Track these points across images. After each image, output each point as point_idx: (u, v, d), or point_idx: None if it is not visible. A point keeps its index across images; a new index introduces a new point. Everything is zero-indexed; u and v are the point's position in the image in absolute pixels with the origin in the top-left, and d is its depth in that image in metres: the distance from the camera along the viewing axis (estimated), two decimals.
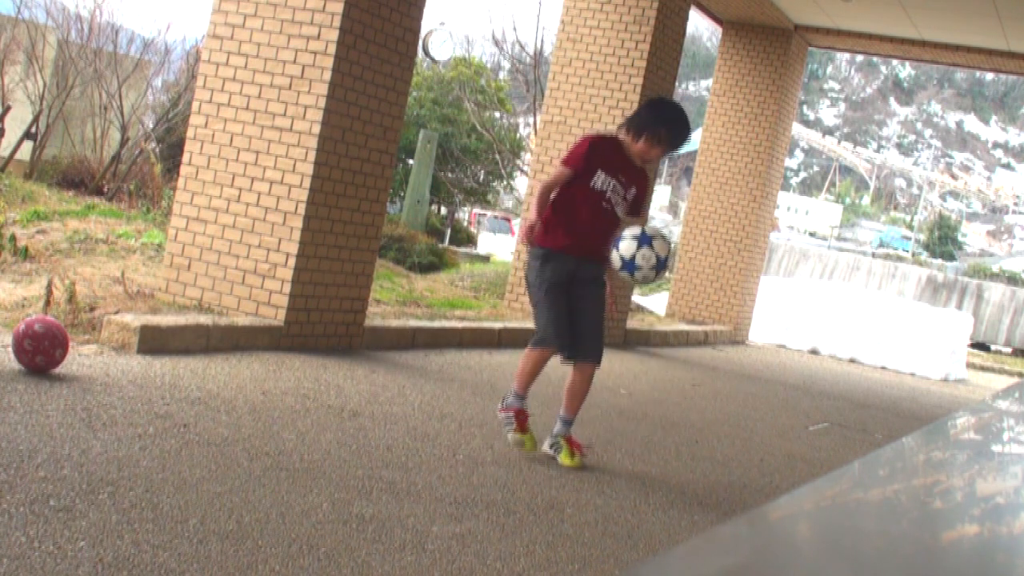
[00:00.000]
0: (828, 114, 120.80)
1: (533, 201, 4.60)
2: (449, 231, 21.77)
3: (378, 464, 3.95)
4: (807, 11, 11.89)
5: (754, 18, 12.37)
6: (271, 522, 3.10)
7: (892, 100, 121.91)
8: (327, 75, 6.03)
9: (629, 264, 4.34)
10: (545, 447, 4.64)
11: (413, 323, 7.34)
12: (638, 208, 4.72)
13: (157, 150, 14.28)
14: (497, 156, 23.87)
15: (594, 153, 4.53)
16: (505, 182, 27.42)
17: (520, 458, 4.48)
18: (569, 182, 4.54)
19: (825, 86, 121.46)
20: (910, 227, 76.09)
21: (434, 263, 13.61)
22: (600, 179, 4.50)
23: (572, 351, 4.65)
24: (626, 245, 4.34)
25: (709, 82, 18.18)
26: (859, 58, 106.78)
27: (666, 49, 9.62)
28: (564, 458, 4.53)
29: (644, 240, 4.33)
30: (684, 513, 4.12)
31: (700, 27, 78.35)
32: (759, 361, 11.14)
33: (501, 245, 23.14)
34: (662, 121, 4.55)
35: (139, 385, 4.50)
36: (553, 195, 4.58)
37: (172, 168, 12.88)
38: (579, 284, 4.61)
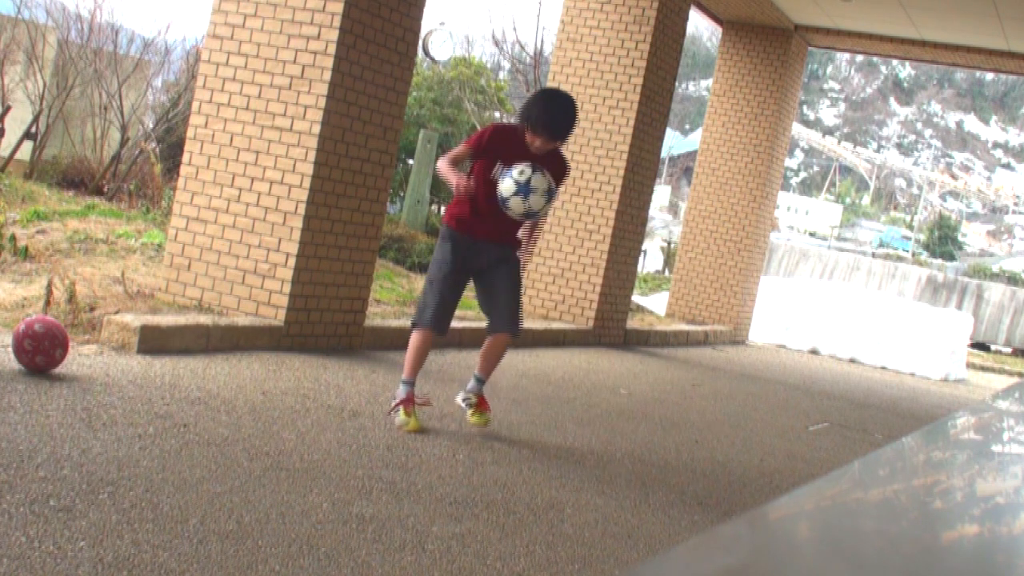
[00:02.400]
0: (828, 114, 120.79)
1: (444, 173, 4.74)
2: None
3: (378, 464, 3.95)
4: (807, 11, 11.89)
5: (754, 18, 12.37)
6: (271, 522, 3.10)
7: (892, 100, 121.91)
8: (327, 75, 6.03)
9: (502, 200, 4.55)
10: (458, 399, 4.97)
11: None
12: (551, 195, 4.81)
13: (157, 150, 14.28)
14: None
15: (492, 142, 4.69)
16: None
17: (520, 458, 4.49)
18: (478, 170, 4.70)
19: (825, 86, 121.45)
20: (910, 227, 76.09)
21: None
22: (498, 170, 4.63)
23: (490, 325, 4.89)
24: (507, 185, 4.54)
25: (709, 82, 18.18)
26: (859, 58, 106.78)
27: (666, 49, 9.62)
28: (473, 416, 4.86)
29: (523, 189, 4.52)
30: (684, 513, 4.12)
31: (700, 27, 78.36)
32: (759, 361, 11.14)
33: None
34: (540, 112, 4.64)
35: (139, 385, 4.50)
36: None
37: (172, 168, 12.87)
38: (489, 266, 4.83)
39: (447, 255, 4.77)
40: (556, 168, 4.76)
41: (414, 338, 4.82)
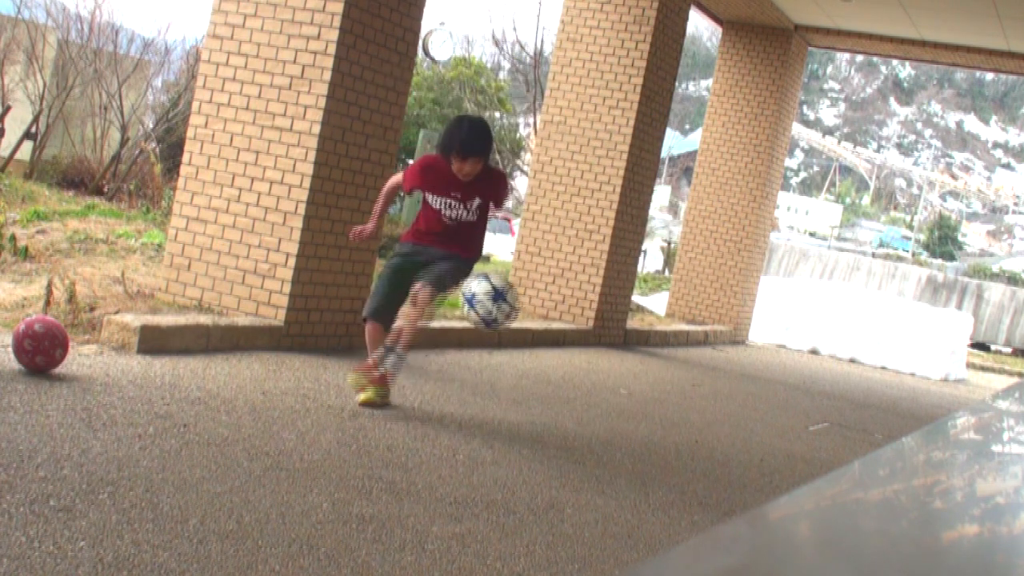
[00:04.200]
0: (828, 114, 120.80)
1: (380, 198, 5.25)
2: None
3: (378, 464, 3.95)
4: (807, 11, 11.90)
5: (754, 18, 12.37)
6: (271, 522, 3.10)
7: (892, 100, 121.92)
8: (327, 75, 6.03)
9: (489, 320, 4.86)
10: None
11: None
12: (498, 206, 5.23)
13: (157, 150, 14.28)
14: (497, 156, 23.88)
15: (419, 177, 5.06)
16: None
17: (520, 458, 4.49)
18: (424, 200, 5.05)
19: (825, 86, 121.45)
20: (910, 227, 76.10)
21: None
22: (431, 199, 5.02)
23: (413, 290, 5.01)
24: (481, 304, 4.84)
25: (709, 82, 18.18)
26: (859, 58, 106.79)
27: (666, 49, 9.62)
28: (364, 393, 4.93)
29: (498, 295, 4.84)
30: (684, 513, 4.12)
31: (700, 27, 78.36)
32: (759, 361, 11.14)
33: (501, 245, 23.14)
34: (456, 140, 4.89)
35: (139, 385, 4.50)
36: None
37: (172, 168, 12.87)
38: (431, 261, 5.01)
39: (392, 258, 5.14)
40: (489, 189, 5.07)
41: (369, 328, 5.10)
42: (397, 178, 5.21)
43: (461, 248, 5.08)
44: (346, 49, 6.09)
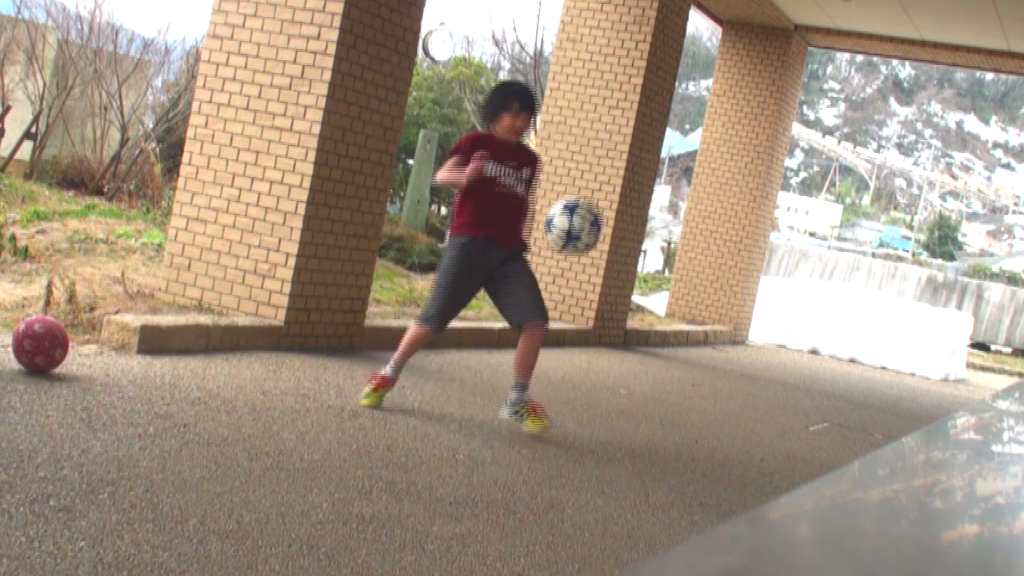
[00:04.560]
0: (828, 114, 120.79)
1: (447, 177, 5.11)
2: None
3: (378, 464, 3.95)
4: (807, 11, 11.89)
5: (754, 18, 12.37)
6: (271, 522, 3.10)
7: (892, 100, 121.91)
8: (327, 75, 6.03)
9: (570, 234, 4.97)
10: (504, 415, 5.04)
11: None
12: (532, 186, 5.25)
13: (157, 150, 14.28)
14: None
15: (476, 146, 5.01)
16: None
17: (520, 458, 4.49)
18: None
19: (825, 86, 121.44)
20: (910, 227, 76.09)
21: (434, 263, 13.58)
22: (490, 167, 4.97)
23: (518, 320, 5.08)
24: (560, 219, 4.99)
25: (709, 82, 18.18)
26: (859, 58, 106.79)
27: (666, 49, 9.62)
28: (529, 424, 4.94)
29: (570, 208, 5.00)
30: (684, 513, 4.12)
31: (700, 27, 78.36)
32: (759, 361, 11.14)
33: None
34: (509, 94, 5.09)
35: (139, 385, 4.50)
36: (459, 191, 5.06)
37: (172, 168, 12.87)
38: (499, 267, 5.05)
39: (455, 259, 5.00)
40: (531, 160, 5.19)
41: (419, 333, 5.04)
42: (447, 164, 5.10)
43: (515, 236, 5.08)
44: (346, 49, 6.09)
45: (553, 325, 9.06)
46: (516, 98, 5.03)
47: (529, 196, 5.16)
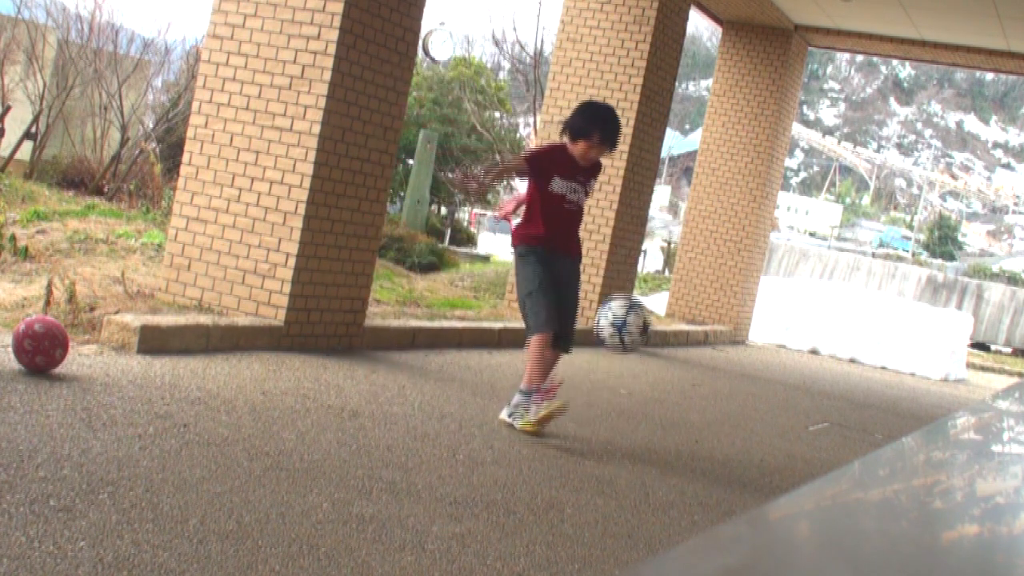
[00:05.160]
0: (828, 114, 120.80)
1: (504, 209, 5.38)
2: (449, 231, 21.77)
3: (378, 464, 3.95)
4: (807, 11, 11.89)
5: (754, 18, 12.37)
6: (271, 522, 3.10)
7: (892, 100, 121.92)
8: (327, 75, 6.03)
9: (621, 324, 5.02)
10: (504, 416, 5.08)
11: (413, 323, 7.34)
12: (588, 194, 5.33)
13: (157, 150, 14.28)
14: (497, 156, 23.88)
15: (549, 160, 5.11)
16: (505, 182, 27.43)
17: (520, 458, 4.49)
18: (535, 189, 5.10)
19: (825, 86, 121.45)
20: (910, 227, 76.10)
21: (434, 263, 13.61)
22: (557, 184, 5.07)
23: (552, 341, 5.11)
24: (618, 305, 5.06)
25: (709, 82, 18.18)
26: (859, 58, 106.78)
27: (666, 49, 9.62)
28: (522, 423, 4.99)
29: (634, 306, 5.06)
30: (684, 513, 4.12)
31: (700, 27, 78.38)
32: (759, 361, 11.14)
33: (501, 245, 23.14)
34: (595, 124, 5.06)
35: (139, 385, 4.50)
36: (523, 201, 5.21)
37: (172, 168, 12.87)
38: (563, 281, 5.15)
39: (534, 266, 5.06)
40: (595, 171, 5.28)
41: (534, 344, 5.02)
42: (513, 161, 5.31)
43: (575, 245, 5.25)
44: (346, 49, 6.09)
45: None
46: (600, 130, 5.04)
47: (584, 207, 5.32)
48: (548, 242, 5.07)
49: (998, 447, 1.42)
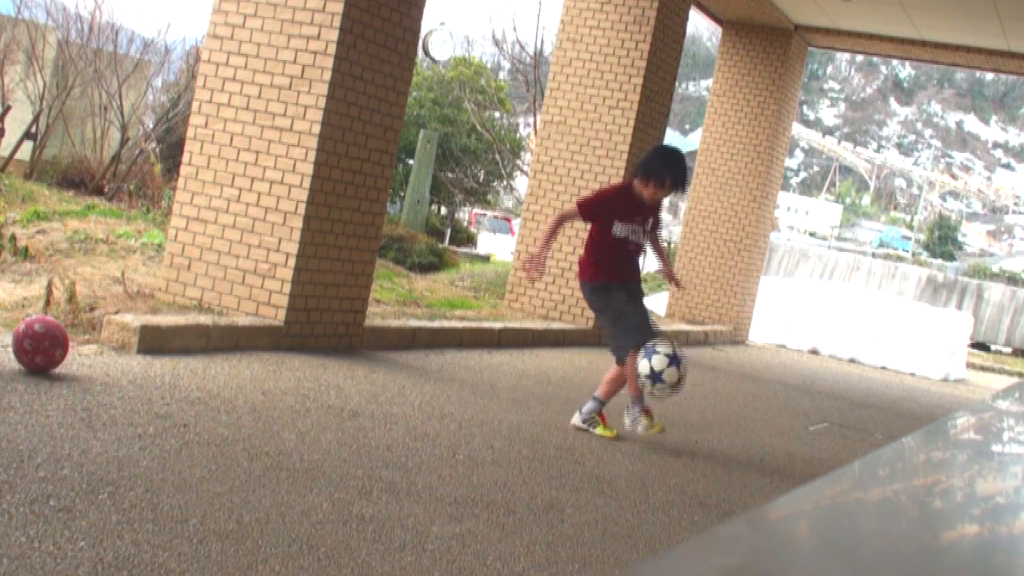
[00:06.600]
0: (828, 114, 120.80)
1: (546, 229, 5.56)
2: (449, 231, 21.77)
3: (378, 464, 3.95)
4: (807, 11, 11.89)
5: (754, 18, 12.37)
6: (271, 522, 3.10)
7: (892, 100, 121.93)
8: (327, 75, 6.03)
9: (655, 376, 5.04)
10: (577, 421, 5.36)
11: (413, 323, 7.34)
12: (657, 228, 5.56)
13: (157, 150, 14.29)
14: (497, 156, 23.89)
15: (602, 206, 5.33)
16: (505, 182, 27.45)
17: (520, 458, 4.49)
18: (597, 231, 5.32)
19: (825, 86, 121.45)
20: (910, 227, 76.09)
21: (434, 263, 13.61)
22: (619, 228, 5.29)
23: (618, 357, 5.38)
24: (659, 360, 5.09)
25: (709, 82, 18.18)
26: (859, 58, 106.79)
27: (666, 49, 9.62)
28: (600, 429, 5.31)
29: (674, 360, 5.10)
30: (684, 513, 4.12)
31: (700, 27, 78.39)
32: (759, 361, 11.14)
33: (501, 245, 23.14)
34: (669, 167, 5.26)
35: (139, 385, 4.50)
36: (588, 239, 5.42)
37: (172, 168, 12.88)
38: (634, 300, 5.40)
39: (610, 293, 5.32)
40: (657, 209, 5.46)
41: (631, 359, 5.23)
42: (568, 210, 5.49)
43: (635, 276, 5.45)
44: (346, 49, 6.09)
45: (553, 325, 9.06)
46: (671, 175, 5.23)
47: (657, 235, 5.52)
48: (614, 278, 5.33)
49: (998, 447, 1.42)
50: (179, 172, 6.47)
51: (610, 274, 5.34)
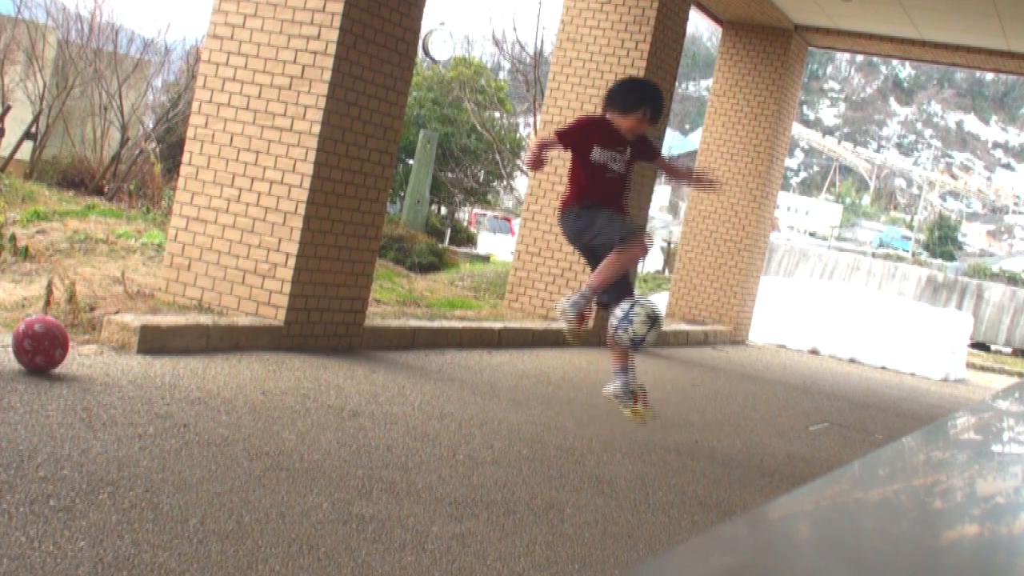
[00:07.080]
0: (828, 114, 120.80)
1: (537, 142, 5.27)
2: (449, 231, 21.77)
3: (378, 464, 3.95)
4: (807, 11, 11.89)
5: (754, 18, 12.37)
6: (271, 522, 3.10)
7: (892, 100, 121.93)
8: (327, 75, 6.03)
9: (638, 341, 5.07)
10: (610, 391, 5.40)
11: (413, 323, 7.34)
12: (653, 155, 5.46)
13: (157, 150, 14.29)
14: (497, 156, 23.90)
15: (582, 133, 5.13)
16: (505, 182, 27.44)
17: (520, 458, 4.49)
18: (577, 160, 5.17)
19: (825, 86, 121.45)
20: (910, 227, 76.09)
21: (434, 263, 13.62)
22: (597, 153, 5.10)
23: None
24: (640, 323, 5.01)
25: (709, 82, 18.18)
26: (859, 58, 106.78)
27: (666, 49, 9.62)
28: (627, 411, 5.27)
29: (656, 322, 5.04)
30: (684, 513, 4.12)
31: (700, 27, 78.40)
32: (759, 361, 11.14)
33: (501, 245, 23.14)
34: (645, 99, 5.13)
35: (139, 385, 4.50)
36: (546, 143, 5.18)
37: (172, 168, 12.88)
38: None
39: (594, 212, 5.09)
40: (639, 143, 5.23)
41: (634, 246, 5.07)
42: (548, 136, 5.28)
43: (624, 210, 5.26)
44: (346, 49, 6.09)
45: (553, 325, 9.06)
46: (650, 106, 5.12)
47: (630, 176, 5.27)
48: (597, 200, 5.15)
49: (998, 447, 1.42)
50: (179, 172, 6.47)
51: (593, 196, 5.13)
